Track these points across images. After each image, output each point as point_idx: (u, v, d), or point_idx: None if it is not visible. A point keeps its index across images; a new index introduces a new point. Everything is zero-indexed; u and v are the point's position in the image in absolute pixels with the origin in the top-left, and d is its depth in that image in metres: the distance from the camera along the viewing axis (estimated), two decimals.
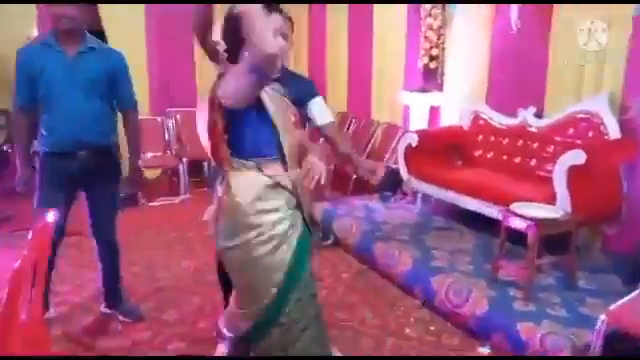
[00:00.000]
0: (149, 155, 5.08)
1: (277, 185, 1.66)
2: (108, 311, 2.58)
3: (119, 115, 2.47)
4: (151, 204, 4.62)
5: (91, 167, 2.29)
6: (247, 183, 1.63)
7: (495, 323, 2.33)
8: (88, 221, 2.47)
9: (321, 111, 2.17)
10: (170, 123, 5.35)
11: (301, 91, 2.05)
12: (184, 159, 4.95)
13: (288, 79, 1.96)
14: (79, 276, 2.99)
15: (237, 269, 1.72)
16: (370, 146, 4.87)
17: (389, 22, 4.67)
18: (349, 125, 5.27)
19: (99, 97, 2.27)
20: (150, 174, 5.20)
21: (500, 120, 3.62)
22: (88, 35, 2.27)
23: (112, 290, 2.57)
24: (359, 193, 4.33)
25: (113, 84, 2.30)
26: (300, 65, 6.31)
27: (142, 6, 5.16)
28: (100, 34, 5.16)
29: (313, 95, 2.15)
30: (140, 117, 2.51)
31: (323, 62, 5.85)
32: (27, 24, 4.62)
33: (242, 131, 1.63)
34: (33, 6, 4.65)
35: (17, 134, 2.34)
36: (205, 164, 5.39)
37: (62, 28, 2.16)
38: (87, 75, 2.21)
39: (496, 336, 2.29)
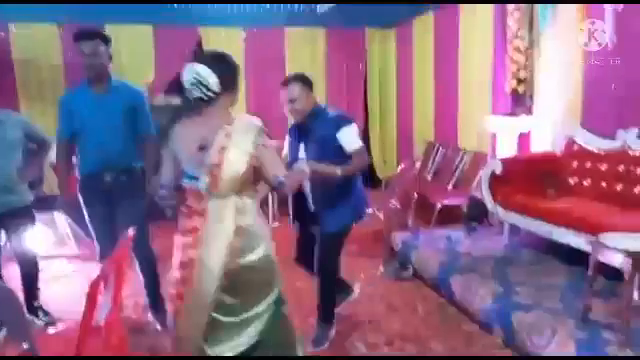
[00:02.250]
0: None
1: None
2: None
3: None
4: None
5: (117, 186, 2.64)
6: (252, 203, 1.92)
7: None
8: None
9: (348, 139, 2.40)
10: None
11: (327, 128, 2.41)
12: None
13: (315, 121, 2.45)
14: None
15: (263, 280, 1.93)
16: (456, 175, 4.69)
17: (474, 46, 4.54)
18: (435, 154, 5.14)
19: (122, 128, 2.63)
20: None
21: (597, 144, 3.28)
22: (113, 78, 2.67)
23: (153, 297, 2.83)
24: (443, 224, 4.17)
25: (133, 116, 2.67)
26: (388, 95, 6.37)
27: (241, 38, 5.65)
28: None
29: (340, 127, 2.39)
30: None
31: (411, 91, 5.84)
32: (147, 71, 5.33)
33: None
34: (152, 53, 5.41)
35: (58, 163, 2.77)
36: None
37: (86, 64, 2.53)
38: (111, 110, 2.60)
39: None
